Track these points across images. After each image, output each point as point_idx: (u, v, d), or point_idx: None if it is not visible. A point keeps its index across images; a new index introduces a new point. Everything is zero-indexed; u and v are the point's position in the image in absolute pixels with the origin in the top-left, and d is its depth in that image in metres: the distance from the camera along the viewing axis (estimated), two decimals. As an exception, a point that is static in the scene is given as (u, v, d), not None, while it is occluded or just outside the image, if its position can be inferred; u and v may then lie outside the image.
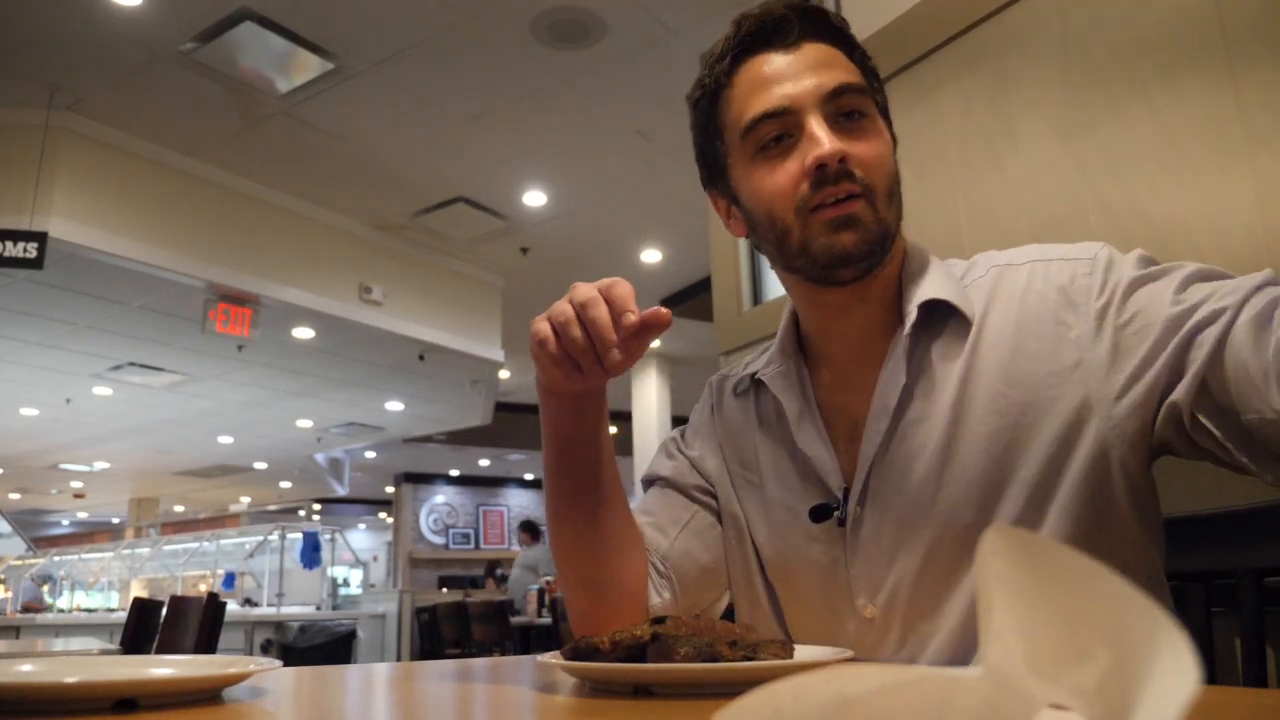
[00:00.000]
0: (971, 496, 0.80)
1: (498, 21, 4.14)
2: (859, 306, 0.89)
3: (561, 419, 0.89)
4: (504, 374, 8.79)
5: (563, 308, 0.77)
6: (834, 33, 0.89)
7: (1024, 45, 1.52)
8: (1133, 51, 1.34)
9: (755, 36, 0.88)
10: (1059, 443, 0.78)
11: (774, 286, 2.40)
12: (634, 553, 0.95)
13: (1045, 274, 0.84)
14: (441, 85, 4.65)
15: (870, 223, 0.83)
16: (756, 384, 0.99)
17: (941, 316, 0.86)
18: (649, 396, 8.86)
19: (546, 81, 4.63)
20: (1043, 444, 0.79)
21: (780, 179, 0.84)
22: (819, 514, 0.88)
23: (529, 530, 8.98)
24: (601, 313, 0.75)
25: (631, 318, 0.74)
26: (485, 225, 6.33)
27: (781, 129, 0.85)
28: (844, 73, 0.86)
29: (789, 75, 0.85)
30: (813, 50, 0.87)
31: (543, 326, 0.78)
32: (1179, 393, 0.73)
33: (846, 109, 0.85)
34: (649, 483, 1.05)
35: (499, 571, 12.03)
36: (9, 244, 4.50)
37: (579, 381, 0.80)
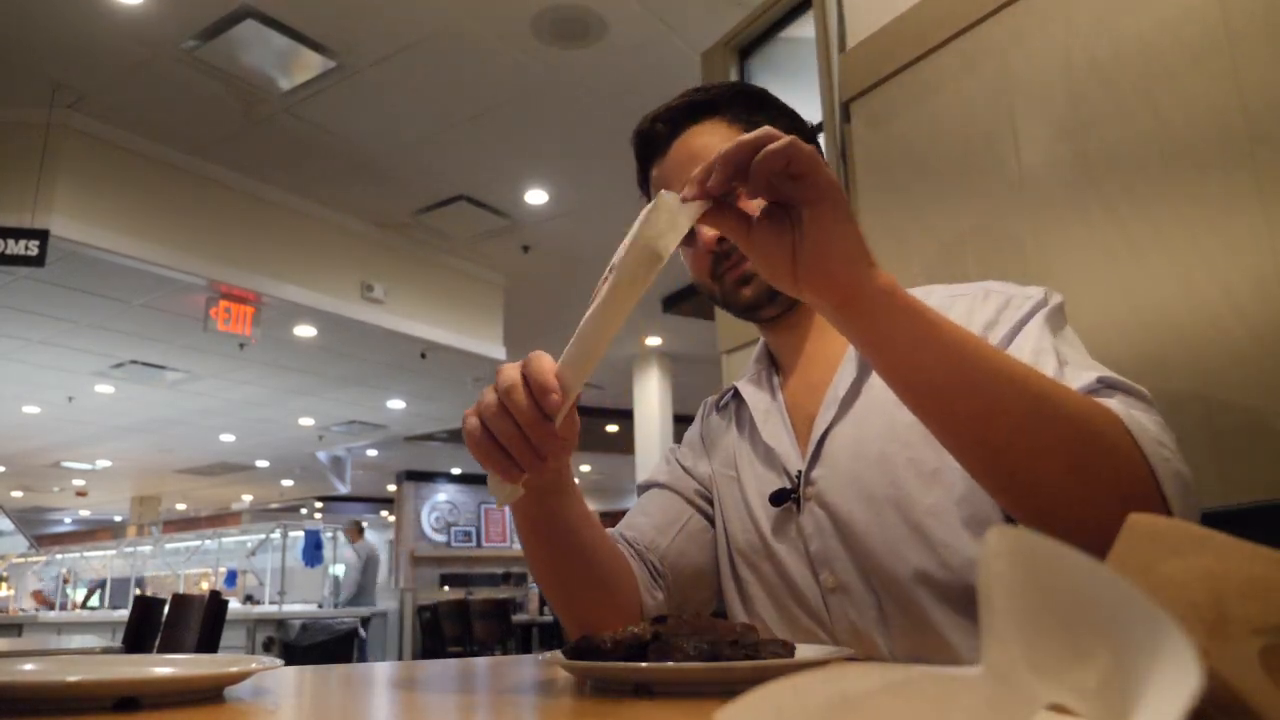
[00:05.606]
0: (923, 475, 0.88)
1: (498, 20, 4.14)
2: (794, 331, 1.04)
3: (529, 509, 0.87)
4: (505, 372, 8.77)
5: (488, 397, 0.71)
6: (703, 109, 1.00)
7: (1025, 44, 1.52)
8: (1136, 50, 1.34)
9: (642, 152, 1.04)
10: None
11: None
12: (625, 580, 0.97)
13: (980, 303, 0.92)
14: (442, 83, 4.65)
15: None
16: (737, 396, 1.10)
17: None
18: (650, 394, 8.86)
19: (547, 80, 4.62)
20: None
21: (694, 259, 1.01)
22: (778, 498, 0.97)
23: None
24: (520, 398, 0.68)
25: (554, 397, 0.67)
26: (487, 223, 6.33)
27: None
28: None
29: (670, 182, 0.97)
30: (682, 147, 0.99)
31: (471, 422, 0.71)
32: None
33: None
34: (646, 488, 1.13)
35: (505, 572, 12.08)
36: (11, 242, 4.51)
37: (517, 477, 0.72)
